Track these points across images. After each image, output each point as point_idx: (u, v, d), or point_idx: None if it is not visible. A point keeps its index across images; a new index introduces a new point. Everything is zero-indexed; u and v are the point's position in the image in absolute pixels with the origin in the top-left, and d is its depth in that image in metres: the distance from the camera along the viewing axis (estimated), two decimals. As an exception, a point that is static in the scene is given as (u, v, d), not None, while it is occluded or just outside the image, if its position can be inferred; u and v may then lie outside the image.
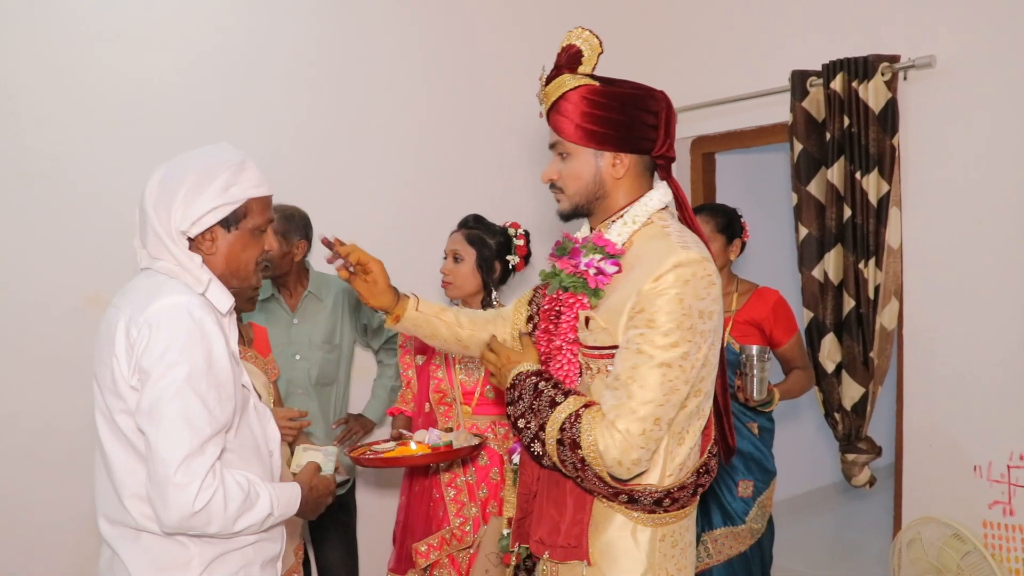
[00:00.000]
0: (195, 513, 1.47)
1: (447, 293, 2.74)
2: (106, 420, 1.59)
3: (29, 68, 2.73)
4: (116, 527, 1.60)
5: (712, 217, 2.94)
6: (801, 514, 4.79)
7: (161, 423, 1.48)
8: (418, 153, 3.53)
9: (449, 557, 2.57)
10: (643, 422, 1.54)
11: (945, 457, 3.11)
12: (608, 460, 1.56)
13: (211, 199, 1.60)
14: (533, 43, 3.74)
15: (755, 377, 2.69)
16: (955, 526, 2.83)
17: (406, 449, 2.32)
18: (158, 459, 1.47)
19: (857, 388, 3.23)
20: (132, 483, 1.55)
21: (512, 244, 2.76)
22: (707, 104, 3.82)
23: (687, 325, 1.56)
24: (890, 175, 3.08)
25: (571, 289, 1.74)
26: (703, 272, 1.59)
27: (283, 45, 3.20)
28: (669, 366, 1.55)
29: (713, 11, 3.87)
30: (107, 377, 1.56)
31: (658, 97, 1.72)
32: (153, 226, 1.60)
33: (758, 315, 2.87)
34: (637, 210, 1.73)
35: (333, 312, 3.01)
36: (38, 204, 2.76)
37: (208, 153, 1.66)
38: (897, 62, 3.04)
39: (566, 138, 1.72)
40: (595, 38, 1.72)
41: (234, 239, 1.67)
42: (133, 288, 1.63)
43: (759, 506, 2.87)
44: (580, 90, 1.69)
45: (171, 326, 1.51)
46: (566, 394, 1.65)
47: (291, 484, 1.74)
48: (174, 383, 1.48)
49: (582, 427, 1.58)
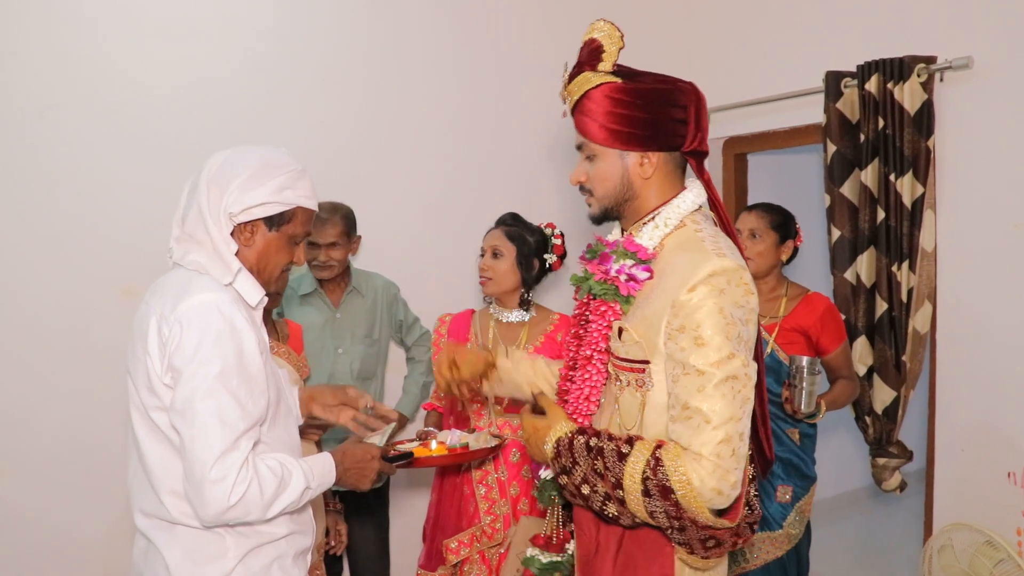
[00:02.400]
0: (231, 507, 1.51)
1: (485, 289, 2.75)
2: (141, 416, 1.61)
3: (59, 69, 2.78)
4: (151, 519, 1.63)
5: (767, 213, 2.90)
6: (830, 518, 4.75)
7: (195, 421, 1.50)
8: (449, 154, 3.56)
9: (480, 554, 2.59)
10: (729, 442, 1.47)
11: (978, 463, 3.07)
12: (707, 493, 1.46)
13: (266, 193, 1.64)
14: (560, 43, 3.72)
15: (804, 390, 2.64)
16: (988, 533, 2.79)
17: (425, 450, 2.34)
18: (193, 457, 1.50)
19: (889, 392, 3.21)
20: (169, 479, 1.58)
21: (550, 243, 2.77)
22: (740, 105, 3.81)
23: (734, 334, 1.50)
24: (925, 177, 3.05)
25: (602, 296, 1.69)
26: (739, 280, 1.52)
27: (316, 47, 3.24)
28: (735, 378, 1.49)
29: (747, 11, 3.85)
30: (141, 374, 1.59)
31: (686, 90, 1.64)
32: (200, 203, 1.62)
33: (806, 322, 2.81)
34: (669, 212, 1.65)
35: (373, 307, 3.08)
36: (56, 204, 2.81)
37: (272, 151, 1.71)
38: (933, 63, 3.01)
39: (591, 139, 1.65)
40: (616, 31, 1.65)
41: (272, 239, 1.70)
42: (163, 285, 1.65)
43: (797, 512, 2.83)
44: (603, 88, 1.62)
45: (201, 324, 1.53)
46: (629, 442, 1.55)
47: (322, 454, 1.76)
48: (206, 380, 1.51)
49: (667, 468, 1.47)
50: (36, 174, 2.78)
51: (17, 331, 2.78)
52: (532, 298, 2.75)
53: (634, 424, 1.63)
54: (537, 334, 2.70)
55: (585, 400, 1.74)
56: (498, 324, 2.76)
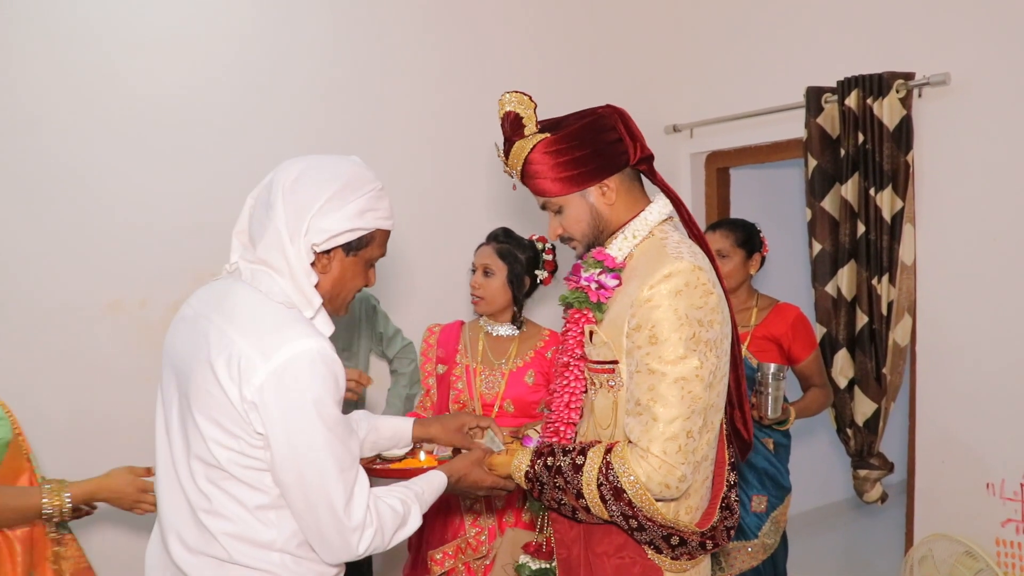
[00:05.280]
0: (359, 555, 1.49)
1: (477, 309, 2.71)
2: (193, 449, 1.47)
3: (51, 78, 2.77)
4: (198, 556, 1.50)
5: (731, 232, 2.93)
6: (812, 529, 4.77)
7: (316, 475, 1.43)
8: (432, 161, 3.56)
9: (465, 565, 2.58)
10: (676, 439, 1.53)
11: (958, 474, 3.10)
12: (654, 487, 1.54)
13: (348, 218, 1.50)
14: (545, 51, 3.79)
15: (770, 395, 2.68)
16: (967, 544, 2.82)
17: (415, 461, 2.32)
18: (317, 513, 1.45)
19: (869, 404, 3.24)
20: (230, 525, 1.47)
21: (540, 258, 2.75)
22: (722, 119, 3.85)
23: (689, 335, 1.54)
24: (904, 192, 3.09)
25: (575, 305, 1.74)
26: (695, 280, 1.57)
27: (302, 56, 3.24)
28: (686, 379, 1.53)
29: (728, 27, 3.89)
30: (204, 403, 1.44)
31: (606, 113, 1.71)
32: (278, 228, 1.47)
33: (777, 331, 2.86)
34: (637, 224, 1.72)
35: (350, 320, 3.04)
36: (58, 211, 2.80)
37: (350, 166, 1.56)
38: (912, 79, 3.06)
39: (550, 195, 1.72)
40: (524, 96, 1.71)
41: (349, 264, 1.57)
42: (230, 306, 1.48)
43: (772, 522, 2.86)
44: (537, 148, 1.68)
45: (310, 376, 1.41)
46: (582, 452, 1.64)
47: (437, 475, 1.75)
48: (321, 434, 1.43)
49: (617, 471, 1.56)
50: (37, 181, 2.77)
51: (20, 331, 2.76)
52: (522, 313, 2.74)
53: (608, 424, 1.69)
54: (527, 349, 2.69)
55: (566, 407, 1.79)
56: (488, 337, 2.74)
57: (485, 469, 1.83)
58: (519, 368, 2.65)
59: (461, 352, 2.72)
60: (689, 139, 4.10)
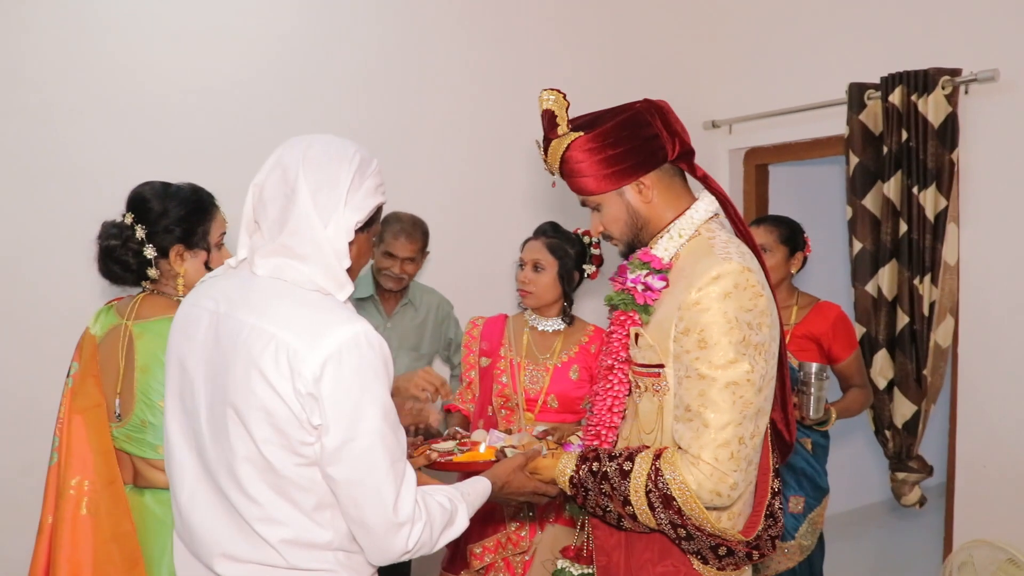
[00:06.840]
0: (408, 551, 1.47)
1: (525, 302, 2.68)
2: (240, 453, 1.40)
3: (69, 69, 2.79)
4: (249, 566, 1.45)
5: (775, 227, 2.90)
6: (848, 532, 4.71)
7: (367, 468, 1.39)
8: (468, 155, 3.56)
9: (504, 560, 2.57)
10: (727, 446, 1.50)
11: (999, 478, 3.05)
12: (705, 495, 1.51)
13: (371, 194, 1.46)
14: (584, 51, 3.77)
15: (812, 396, 2.64)
16: (1010, 550, 2.76)
17: (476, 454, 2.29)
18: (366, 508, 1.41)
19: (909, 406, 3.19)
20: (286, 530, 1.41)
21: (588, 252, 2.73)
22: (761, 116, 3.81)
23: (739, 338, 1.51)
24: (948, 190, 3.03)
25: (620, 307, 1.72)
26: (745, 282, 1.53)
27: (341, 51, 3.26)
28: (736, 384, 1.50)
29: (770, 22, 3.85)
30: (249, 404, 1.37)
31: (641, 108, 1.68)
32: (304, 209, 1.39)
33: (817, 330, 2.82)
34: (682, 224, 1.69)
35: (424, 322, 3.10)
36: (65, 208, 2.81)
37: (347, 143, 1.49)
38: (959, 75, 3.00)
39: (587, 192, 1.71)
40: (559, 94, 1.70)
41: (363, 241, 1.52)
42: (263, 300, 1.41)
43: (809, 523, 2.83)
44: (572, 146, 1.67)
45: (358, 364, 1.36)
46: (630, 457, 1.61)
47: (482, 481, 1.72)
48: (374, 422, 1.38)
49: (666, 477, 1.53)
50: (50, 176, 2.79)
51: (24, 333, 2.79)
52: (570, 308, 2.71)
53: (652, 429, 1.66)
54: (571, 344, 2.68)
55: (608, 411, 1.76)
56: (532, 332, 2.73)
57: (527, 474, 1.80)
58: (564, 363, 2.64)
59: (505, 346, 2.71)
60: (728, 135, 4.07)
